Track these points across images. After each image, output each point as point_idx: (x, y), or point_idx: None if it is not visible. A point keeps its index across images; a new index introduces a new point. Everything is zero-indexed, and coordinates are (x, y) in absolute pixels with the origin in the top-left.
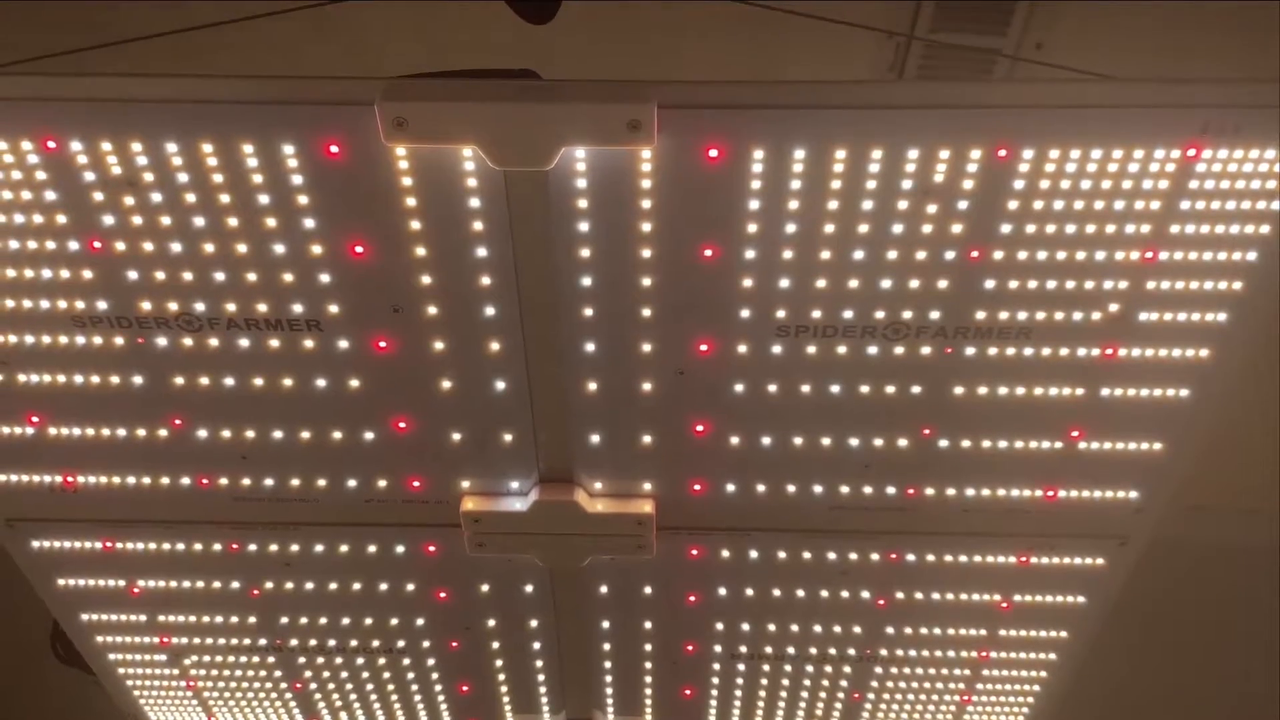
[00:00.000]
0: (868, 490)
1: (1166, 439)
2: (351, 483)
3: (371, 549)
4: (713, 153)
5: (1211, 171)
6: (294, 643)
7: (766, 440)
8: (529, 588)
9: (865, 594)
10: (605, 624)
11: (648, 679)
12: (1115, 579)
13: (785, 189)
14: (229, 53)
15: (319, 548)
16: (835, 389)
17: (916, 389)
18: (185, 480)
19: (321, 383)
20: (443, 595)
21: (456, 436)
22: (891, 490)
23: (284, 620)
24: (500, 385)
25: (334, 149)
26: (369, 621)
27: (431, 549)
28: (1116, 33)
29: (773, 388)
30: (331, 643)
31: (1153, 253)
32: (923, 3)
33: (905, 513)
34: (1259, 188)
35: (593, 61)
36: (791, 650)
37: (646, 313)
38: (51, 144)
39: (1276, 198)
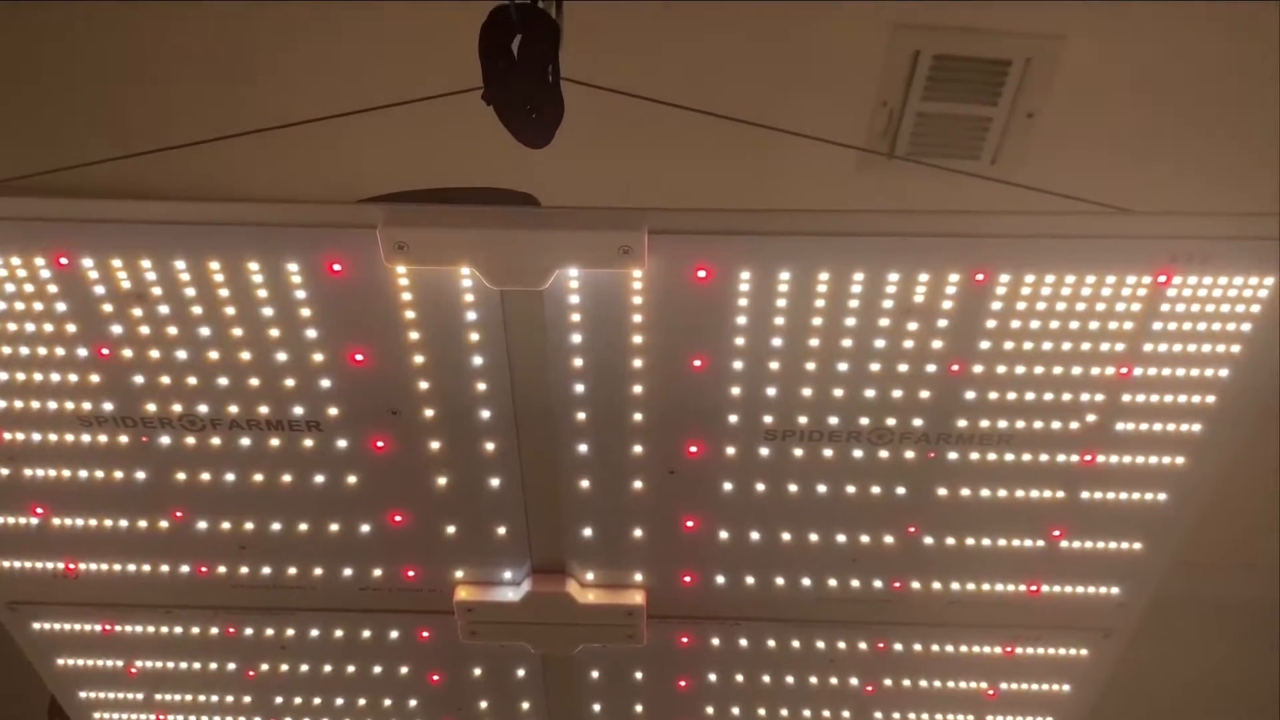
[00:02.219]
0: (855, 583)
1: (1146, 539)
2: (348, 572)
3: (366, 634)
4: (701, 273)
5: (1182, 296)
6: None
7: (755, 535)
8: (521, 672)
9: (853, 681)
10: (596, 708)
11: None
12: (1100, 668)
13: (771, 307)
14: (241, 160)
15: (314, 632)
16: (822, 489)
17: (901, 490)
18: (184, 568)
19: (320, 479)
20: (435, 678)
21: (451, 530)
22: (878, 584)
23: (279, 700)
24: (495, 483)
25: (336, 267)
26: (362, 703)
27: (425, 634)
28: (1109, 101)
29: (761, 487)
30: None
31: (1128, 369)
32: (916, 72)
33: (891, 604)
34: (1229, 311)
35: (590, 175)
36: None
37: (638, 417)
38: (64, 260)
39: (1247, 320)
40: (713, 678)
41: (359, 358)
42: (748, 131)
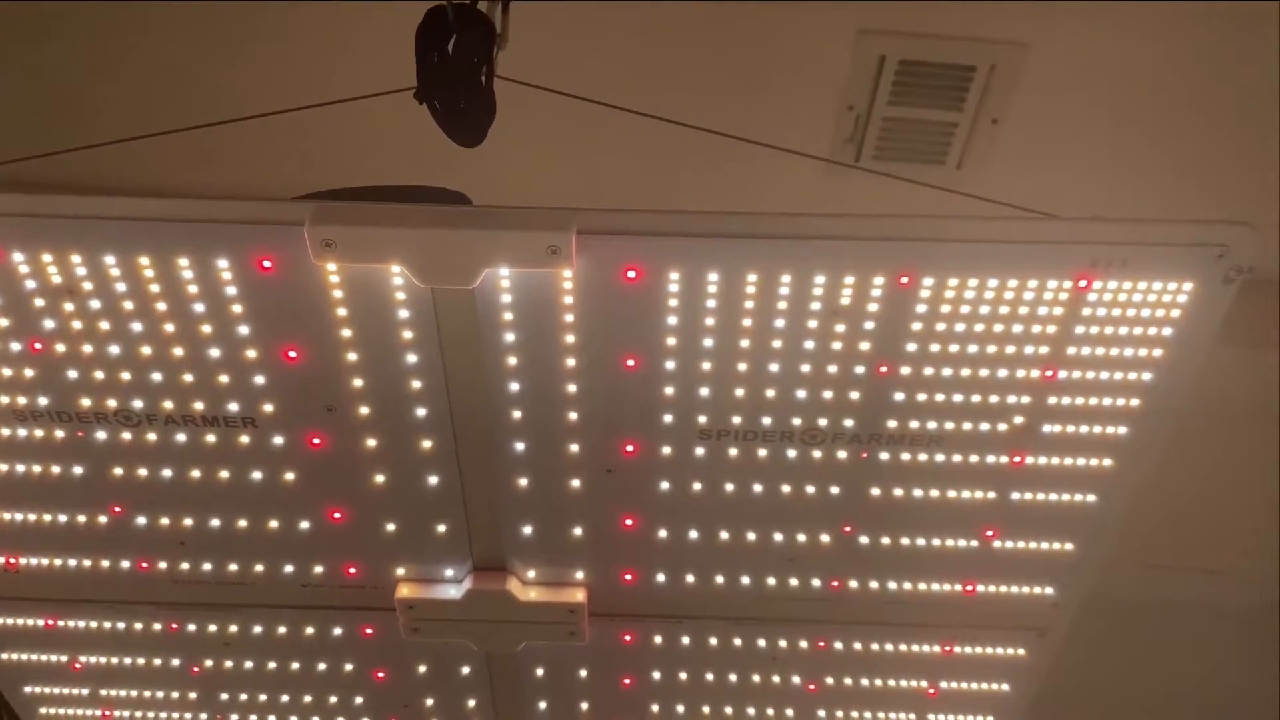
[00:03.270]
0: (793, 582)
1: (1077, 540)
2: (289, 568)
3: (309, 631)
4: (631, 274)
5: (1103, 301)
6: (234, 719)
7: (693, 534)
8: (465, 669)
9: (796, 679)
10: (542, 705)
11: None
12: (1036, 668)
13: (701, 307)
14: (176, 158)
15: (257, 629)
16: (757, 488)
17: (835, 490)
18: (125, 563)
19: (257, 476)
20: (380, 675)
21: (391, 527)
22: (816, 582)
23: (224, 697)
24: (433, 480)
25: (266, 264)
26: (308, 699)
27: (368, 631)
28: (1072, 104)
29: (697, 486)
30: (271, 719)
31: (1052, 372)
32: (882, 77)
33: (830, 603)
34: (1150, 315)
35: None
36: None
37: (574, 416)
38: None
39: (1168, 324)
40: (656, 676)
41: (292, 354)
42: (711, 136)
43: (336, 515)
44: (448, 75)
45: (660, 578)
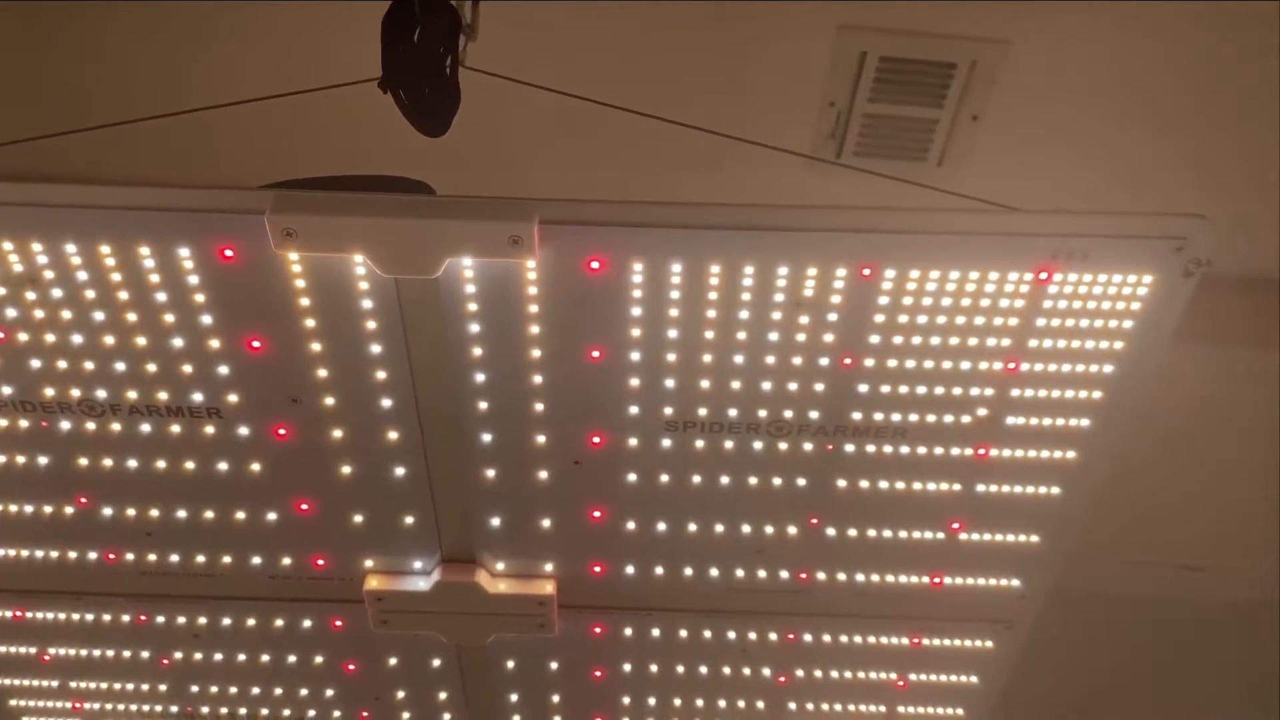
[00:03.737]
0: (762, 574)
1: (1042, 532)
2: (256, 560)
3: (279, 623)
4: (594, 264)
5: (1064, 293)
6: (205, 710)
7: (662, 526)
8: (436, 661)
9: (766, 671)
10: (513, 697)
11: None
12: (1004, 660)
13: (665, 299)
14: (142, 147)
15: (226, 621)
16: (724, 480)
17: (802, 482)
18: (92, 555)
19: (223, 466)
20: (351, 668)
21: (358, 519)
22: (784, 574)
23: (194, 689)
24: (400, 471)
25: (228, 253)
26: (279, 691)
27: (338, 624)
28: (1053, 101)
29: (665, 478)
30: (242, 711)
31: (1015, 364)
32: (862, 73)
33: (799, 595)
34: (1110, 308)
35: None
36: None
37: (540, 408)
38: None
39: (1128, 317)
40: (627, 668)
41: (256, 344)
42: (690, 130)
43: (303, 507)
44: (412, 64)
45: (629, 570)
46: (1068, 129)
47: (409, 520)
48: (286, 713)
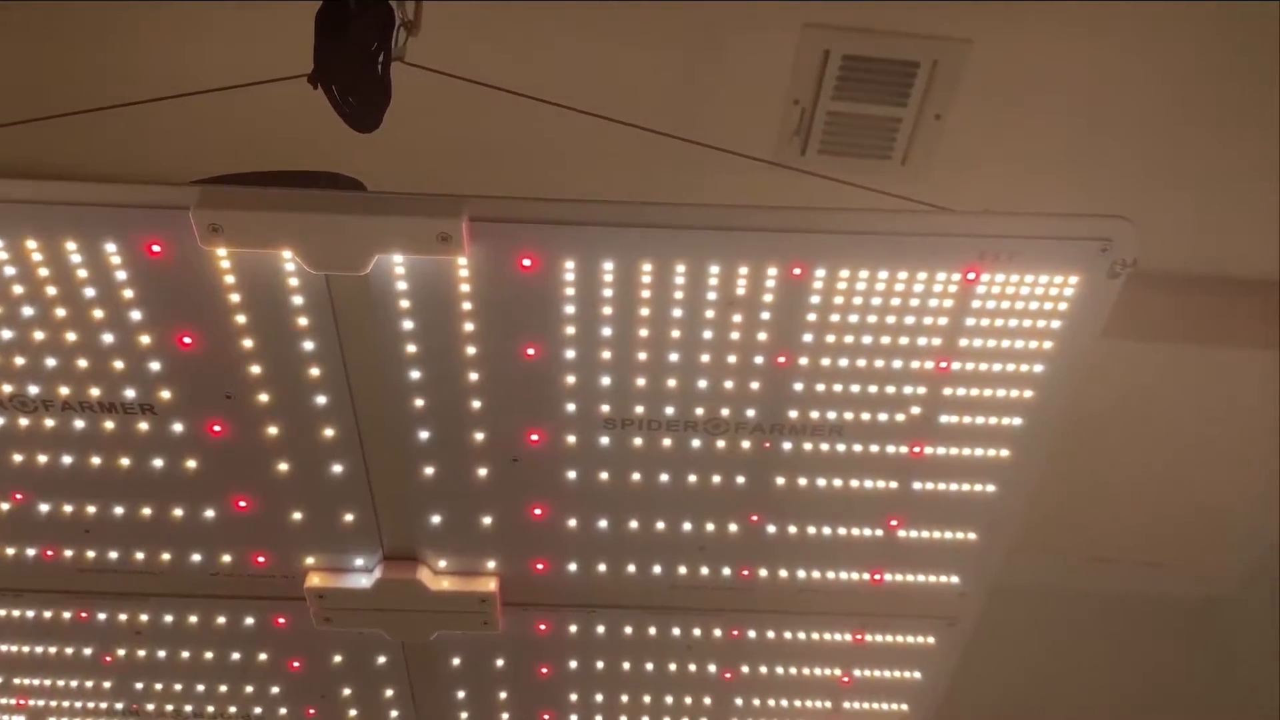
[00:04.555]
0: (704, 571)
1: (979, 530)
2: (196, 557)
3: (221, 620)
4: (526, 261)
5: (991, 293)
6: (150, 708)
7: (603, 523)
8: (381, 659)
9: (712, 668)
10: (460, 694)
11: None
12: (947, 656)
13: (598, 296)
14: (74, 142)
15: (168, 618)
16: (664, 478)
17: (741, 479)
18: (30, 551)
19: (159, 463)
20: (296, 665)
21: (297, 516)
22: (727, 571)
23: (139, 686)
24: (338, 469)
25: (155, 248)
26: (224, 689)
27: (281, 621)
28: (1016, 100)
29: (604, 476)
30: (188, 708)
31: (946, 363)
32: (826, 71)
33: (741, 592)
34: (1038, 308)
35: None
36: None
37: (477, 405)
38: None
39: (1056, 318)
40: (573, 665)
41: (187, 340)
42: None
43: (241, 504)
44: (344, 59)
45: (572, 567)
46: (1030, 128)
47: (349, 517)
48: (233, 710)
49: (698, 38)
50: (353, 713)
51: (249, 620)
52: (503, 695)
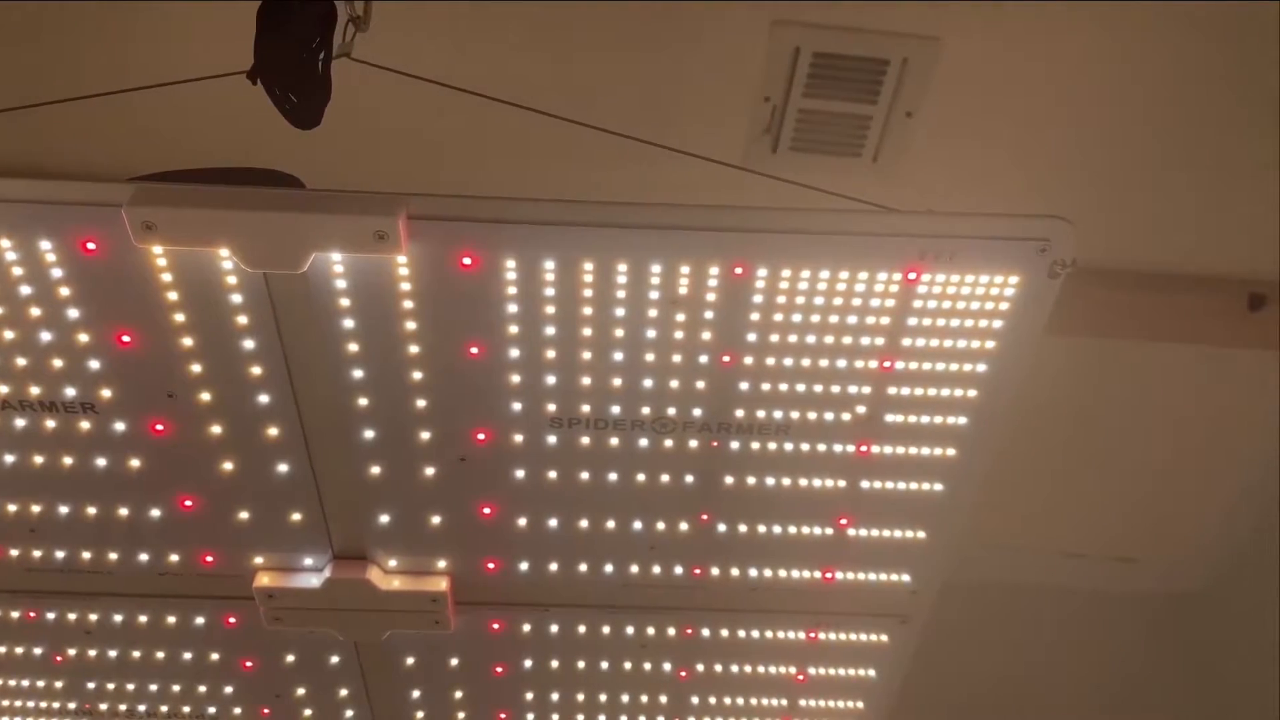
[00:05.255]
0: (656, 570)
1: (928, 528)
2: (144, 557)
3: (171, 620)
4: (466, 260)
5: (933, 293)
6: (104, 708)
7: (553, 523)
8: (334, 658)
9: (667, 666)
10: (415, 694)
11: None
12: (901, 654)
13: (540, 295)
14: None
15: (118, 617)
16: (613, 477)
17: (690, 479)
18: None
19: (102, 462)
20: (248, 665)
21: (244, 515)
22: (679, 570)
23: (91, 686)
24: (283, 468)
25: (90, 246)
26: (176, 689)
27: (232, 621)
28: (986, 98)
29: (553, 475)
30: (142, 708)
31: (890, 362)
32: (797, 69)
33: (694, 591)
34: (979, 308)
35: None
36: (602, 718)
37: (422, 404)
38: None
39: (997, 317)
40: (528, 664)
41: (126, 339)
42: (626, 127)
43: (187, 503)
44: (284, 56)
45: (523, 566)
46: (1000, 126)
47: (296, 517)
48: (186, 710)
49: (668, 37)
50: (307, 712)
51: (199, 620)
52: (458, 694)
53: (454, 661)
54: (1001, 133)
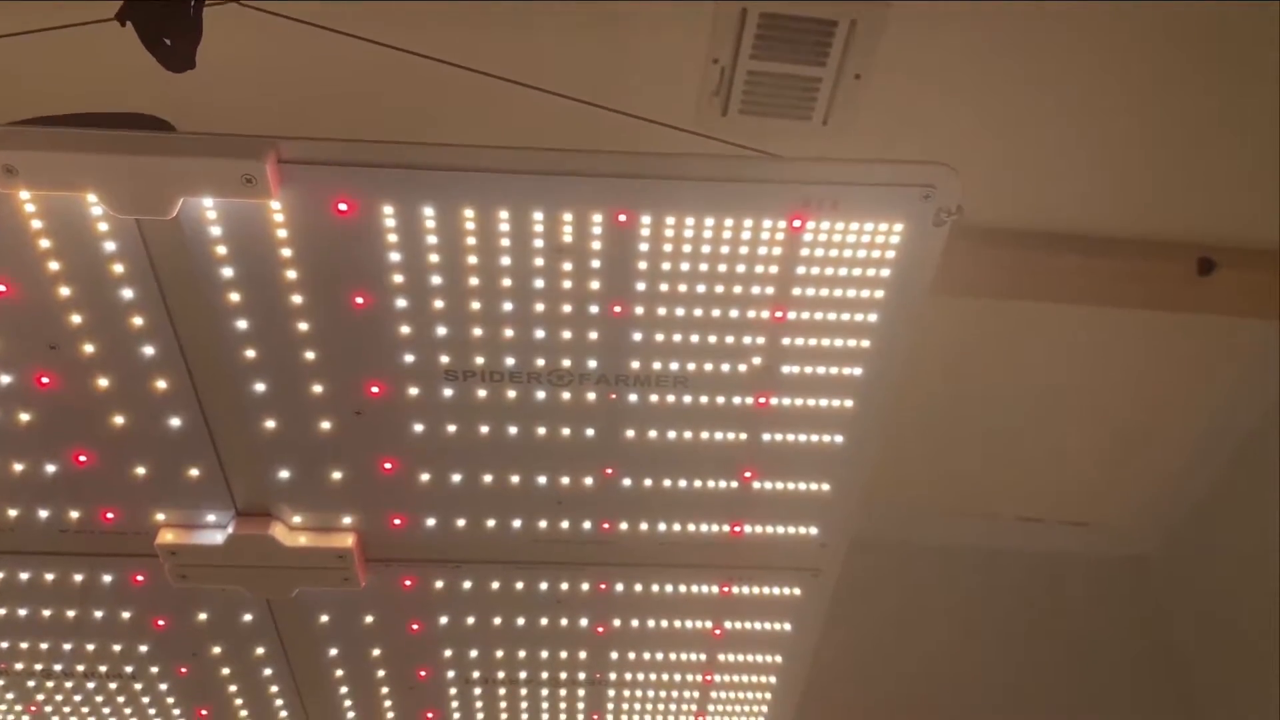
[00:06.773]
0: (565, 525)
1: (832, 480)
2: (43, 514)
3: (78, 578)
4: (342, 206)
5: (819, 241)
6: (19, 667)
7: (456, 477)
8: (248, 616)
9: (583, 622)
10: (333, 651)
11: (387, 703)
12: (815, 607)
13: (422, 243)
14: None
15: (24, 575)
16: (512, 430)
17: (590, 432)
18: None
19: None
20: (161, 623)
21: (141, 470)
22: (587, 525)
23: (3, 645)
24: (175, 422)
25: None
26: (91, 648)
27: (139, 579)
28: (935, 60)
29: (452, 428)
30: (58, 667)
31: (781, 312)
32: (744, 29)
33: (604, 545)
34: (865, 256)
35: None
36: (523, 675)
37: (310, 356)
38: None
39: (885, 265)
40: (444, 620)
41: (1, 288)
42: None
43: (81, 458)
44: None
45: (430, 522)
46: (950, 87)
47: (194, 472)
48: (103, 669)
49: None
50: (225, 671)
51: (106, 578)
52: (376, 652)
53: (368, 619)
54: (952, 95)
